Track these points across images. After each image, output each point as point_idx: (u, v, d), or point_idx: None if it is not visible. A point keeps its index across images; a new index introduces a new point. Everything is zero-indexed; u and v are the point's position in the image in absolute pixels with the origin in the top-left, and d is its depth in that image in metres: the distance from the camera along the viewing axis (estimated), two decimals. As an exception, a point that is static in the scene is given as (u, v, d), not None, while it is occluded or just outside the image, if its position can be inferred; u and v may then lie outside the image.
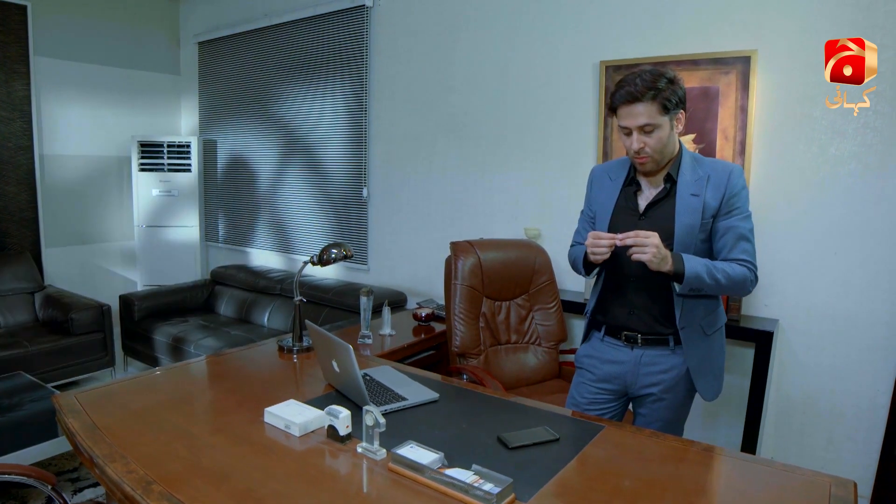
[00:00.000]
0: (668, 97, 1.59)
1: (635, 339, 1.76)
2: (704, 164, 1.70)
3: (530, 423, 1.59)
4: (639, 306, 1.75)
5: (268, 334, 3.71)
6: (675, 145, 1.69)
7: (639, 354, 1.77)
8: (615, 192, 1.79)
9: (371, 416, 1.37)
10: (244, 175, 4.57)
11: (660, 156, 1.65)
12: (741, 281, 1.65)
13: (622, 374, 1.80)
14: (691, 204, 1.66)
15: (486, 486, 1.20)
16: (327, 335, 1.67)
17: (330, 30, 3.87)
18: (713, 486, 1.34)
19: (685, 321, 1.70)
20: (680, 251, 1.65)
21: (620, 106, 1.63)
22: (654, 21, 2.72)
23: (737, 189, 1.66)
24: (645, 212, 1.73)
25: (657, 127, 1.60)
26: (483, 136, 3.33)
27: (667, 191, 1.70)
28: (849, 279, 2.41)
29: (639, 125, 1.60)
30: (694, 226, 1.66)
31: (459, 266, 2.49)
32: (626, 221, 1.75)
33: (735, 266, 1.65)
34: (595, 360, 1.86)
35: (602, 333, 1.85)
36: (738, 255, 1.66)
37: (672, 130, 1.64)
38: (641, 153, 1.64)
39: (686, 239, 1.66)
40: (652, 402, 1.79)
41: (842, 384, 2.45)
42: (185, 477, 1.30)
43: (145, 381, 1.89)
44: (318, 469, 1.36)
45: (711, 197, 1.66)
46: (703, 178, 1.67)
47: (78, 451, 1.55)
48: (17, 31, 3.96)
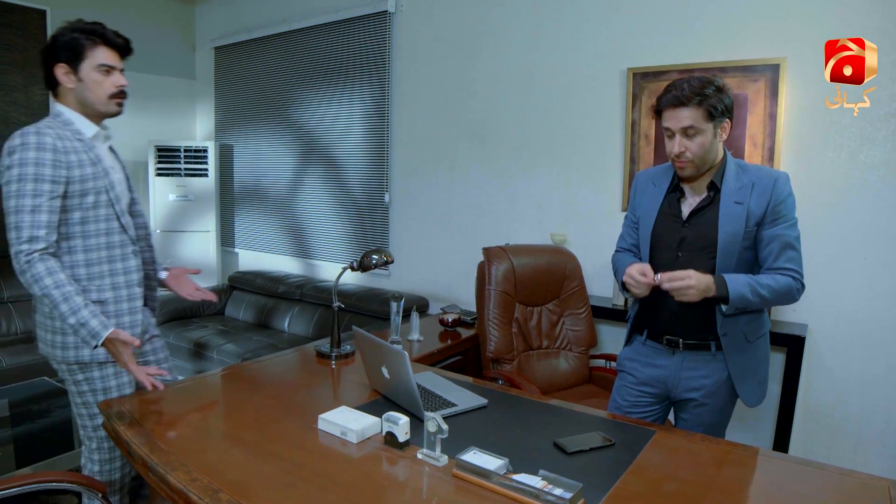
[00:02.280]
0: (714, 104, 1.60)
1: (677, 343, 1.77)
2: (749, 171, 1.71)
3: (581, 428, 1.60)
4: (680, 312, 1.75)
5: (288, 339, 3.71)
6: (719, 153, 1.70)
7: (680, 359, 1.78)
8: (659, 198, 1.80)
9: (434, 422, 1.37)
10: (261, 180, 4.57)
11: (700, 161, 1.66)
12: (786, 292, 1.66)
13: (663, 378, 1.81)
14: (735, 212, 1.67)
15: (557, 492, 1.21)
16: (379, 342, 1.67)
17: (351, 35, 3.88)
18: (774, 491, 1.34)
19: (726, 328, 1.71)
20: (723, 259, 1.66)
21: (666, 109, 1.65)
22: (682, 29, 2.74)
23: (782, 196, 1.66)
24: (688, 219, 1.74)
25: (700, 132, 1.61)
26: (507, 142, 3.34)
27: (710, 198, 1.71)
28: (877, 285, 2.43)
29: (682, 127, 1.62)
30: (737, 234, 1.66)
31: (493, 271, 2.50)
32: (670, 228, 1.76)
33: (779, 277, 1.65)
34: (637, 364, 1.87)
35: (644, 337, 1.86)
36: (784, 264, 1.66)
37: (715, 138, 1.64)
38: (682, 157, 1.65)
39: (729, 247, 1.67)
40: (694, 408, 1.80)
41: (870, 388, 2.47)
42: (250, 485, 1.30)
43: (186, 388, 1.89)
44: (382, 476, 1.37)
45: (756, 205, 1.66)
46: (748, 185, 1.67)
47: (131, 457, 1.55)
48: (36, 36, 3.96)
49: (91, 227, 1.74)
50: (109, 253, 1.78)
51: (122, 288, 1.80)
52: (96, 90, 1.73)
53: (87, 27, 1.73)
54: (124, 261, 1.81)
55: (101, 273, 1.77)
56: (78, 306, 1.62)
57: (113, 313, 1.78)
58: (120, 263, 1.80)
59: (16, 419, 2.50)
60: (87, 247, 1.74)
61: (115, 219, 1.78)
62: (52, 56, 1.73)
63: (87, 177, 1.70)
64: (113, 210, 1.77)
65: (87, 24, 1.74)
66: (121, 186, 1.86)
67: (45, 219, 1.63)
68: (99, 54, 1.73)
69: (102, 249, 1.76)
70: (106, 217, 1.76)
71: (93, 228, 1.74)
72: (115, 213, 1.77)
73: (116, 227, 1.79)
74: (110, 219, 1.77)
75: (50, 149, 1.63)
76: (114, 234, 1.78)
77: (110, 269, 1.78)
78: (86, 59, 1.72)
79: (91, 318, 1.62)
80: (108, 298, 1.77)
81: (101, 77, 1.73)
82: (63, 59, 1.71)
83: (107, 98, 1.75)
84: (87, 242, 1.74)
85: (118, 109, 1.79)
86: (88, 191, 1.71)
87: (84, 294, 1.69)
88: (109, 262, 1.78)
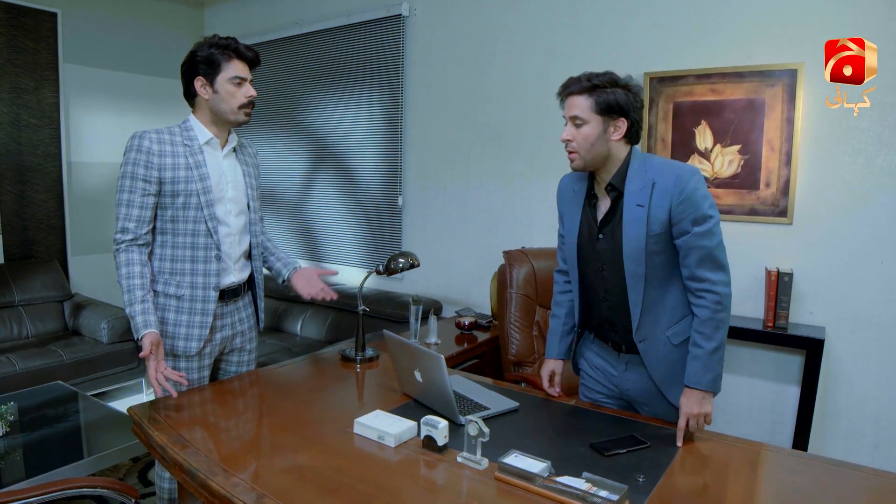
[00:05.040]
0: (606, 99, 1.55)
1: (620, 346, 1.74)
2: (653, 168, 1.59)
3: (612, 429, 1.61)
4: (608, 319, 1.73)
5: (301, 343, 3.71)
6: (612, 152, 1.60)
7: (625, 360, 1.74)
8: (579, 207, 1.72)
9: (475, 426, 1.38)
10: (274, 183, 4.57)
11: (586, 154, 1.58)
12: (720, 321, 1.57)
13: (614, 381, 1.78)
14: (637, 216, 1.57)
15: (603, 493, 1.22)
16: (414, 345, 1.68)
17: (364, 39, 3.89)
18: (818, 493, 1.35)
19: (642, 334, 1.65)
20: (631, 267, 1.60)
21: (565, 98, 1.62)
22: (699, 34, 2.76)
23: (685, 195, 1.52)
24: (601, 228, 1.66)
25: (586, 123, 1.56)
26: (521, 146, 3.35)
27: (615, 203, 1.63)
28: (894, 287, 2.45)
29: (570, 115, 1.59)
30: (640, 238, 1.57)
31: (514, 275, 2.52)
32: (590, 240, 1.69)
33: (702, 313, 1.57)
34: (587, 363, 1.86)
35: (592, 336, 1.83)
36: (697, 285, 1.58)
37: (605, 133, 1.57)
38: (568, 146, 1.61)
39: (634, 254, 1.59)
40: (644, 410, 1.76)
41: (888, 391, 2.49)
42: (294, 490, 1.29)
43: (212, 393, 1.88)
44: (424, 480, 1.37)
45: (657, 206, 1.55)
46: (648, 185, 1.56)
47: (165, 462, 1.55)
48: (47, 39, 3.96)
49: (180, 225, 1.85)
50: (193, 253, 1.87)
51: (200, 289, 1.88)
52: (230, 101, 1.85)
53: (221, 42, 1.85)
54: (206, 263, 1.89)
55: (183, 270, 1.87)
56: (135, 299, 1.75)
57: (187, 310, 1.88)
58: (202, 265, 1.88)
59: (26, 425, 2.47)
60: (175, 243, 1.86)
61: (203, 222, 1.86)
62: (191, 70, 1.85)
63: (178, 179, 1.81)
64: (202, 214, 1.85)
65: (222, 40, 1.86)
66: (232, 192, 1.94)
67: (135, 213, 1.78)
68: (233, 67, 1.84)
69: (187, 248, 1.86)
70: (194, 219, 1.85)
71: (181, 227, 1.85)
72: (203, 217, 1.85)
73: (203, 230, 1.87)
74: (199, 221, 1.85)
75: (145, 151, 1.78)
76: (199, 236, 1.87)
77: (192, 268, 1.87)
78: (221, 72, 1.83)
79: (138, 315, 1.74)
80: (184, 295, 1.87)
81: (234, 89, 1.85)
82: (201, 72, 1.83)
83: (237, 108, 1.86)
84: (175, 239, 1.86)
85: (246, 119, 1.91)
86: (179, 192, 1.82)
87: (164, 286, 1.86)
88: (192, 262, 1.87)
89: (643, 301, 1.62)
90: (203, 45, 1.85)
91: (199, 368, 1.94)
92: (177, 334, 1.88)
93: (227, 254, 1.93)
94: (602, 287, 1.71)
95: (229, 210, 1.92)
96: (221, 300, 1.94)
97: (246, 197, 1.99)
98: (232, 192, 1.93)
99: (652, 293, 1.62)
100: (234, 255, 1.95)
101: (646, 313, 1.63)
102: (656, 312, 1.64)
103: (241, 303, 2.04)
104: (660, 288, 1.63)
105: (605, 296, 1.71)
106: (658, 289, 1.63)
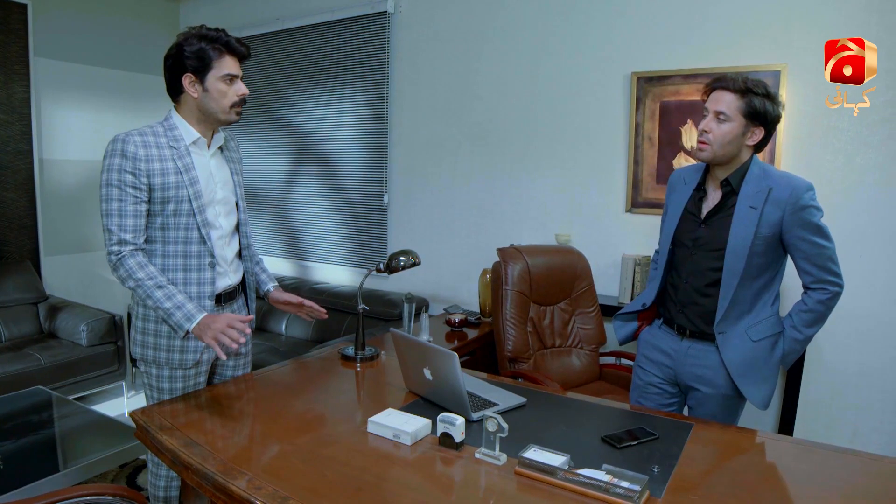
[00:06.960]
0: (755, 104, 1.65)
1: (685, 330, 1.85)
2: (771, 177, 1.71)
3: (620, 422, 1.65)
4: (686, 304, 1.84)
5: (287, 342, 3.67)
6: (740, 151, 1.72)
7: (686, 346, 1.85)
8: (686, 196, 1.86)
9: (493, 422, 1.39)
10: (255, 181, 4.49)
11: (719, 148, 1.69)
12: (823, 312, 1.73)
13: (671, 364, 1.88)
14: (748, 216, 1.69)
15: (624, 484, 1.25)
16: (424, 343, 1.69)
17: (349, 35, 3.86)
18: (825, 478, 1.40)
19: (724, 326, 1.76)
20: (731, 261, 1.71)
21: (714, 91, 1.71)
22: (685, 34, 2.83)
23: (798, 206, 1.66)
24: (705, 219, 1.79)
25: (729, 120, 1.67)
26: (510, 144, 3.38)
27: (725, 199, 1.75)
28: (873, 281, 2.56)
29: (716, 110, 1.68)
30: (747, 237, 1.68)
31: (509, 272, 2.54)
32: (688, 227, 1.84)
33: (812, 299, 1.73)
34: (650, 346, 1.96)
35: (661, 321, 1.94)
36: (815, 283, 1.72)
37: (743, 136, 1.68)
38: (703, 136, 1.70)
39: (738, 250, 1.70)
40: (699, 399, 1.85)
41: (867, 381, 2.60)
42: (317, 490, 1.28)
43: (215, 396, 1.84)
44: (445, 477, 1.38)
45: (770, 212, 1.67)
46: (765, 190, 1.68)
47: (176, 467, 1.52)
48: (17, 31, 3.80)
49: (171, 233, 1.75)
50: (186, 262, 1.78)
51: (194, 298, 1.79)
52: (220, 100, 1.73)
53: (211, 35, 1.71)
54: (200, 271, 1.80)
55: (175, 280, 1.77)
56: (172, 292, 1.68)
57: None
58: (195, 273, 1.79)
59: (9, 432, 2.38)
60: (166, 252, 1.76)
61: (195, 228, 1.77)
62: (178, 66, 1.71)
63: (168, 185, 1.70)
64: (194, 220, 1.76)
65: (211, 31, 1.72)
66: (221, 193, 1.85)
67: (130, 223, 1.68)
68: (224, 64, 1.72)
69: (179, 257, 1.77)
70: (186, 226, 1.75)
71: (172, 235, 1.75)
72: (196, 223, 1.76)
73: (196, 237, 1.78)
74: (190, 228, 1.76)
75: (131, 156, 1.65)
76: (192, 244, 1.78)
77: (185, 277, 1.78)
78: (212, 69, 1.70)
79: (186, 303, 1.68)
80: None
81: (226, 87, 1.73)
82: (190, 69, 1.70)
83: (228, 107, 1.75)
84: (165, 248, 1.76)
85: (237, 118, 1.80)
86: (170, 199, 1.72)
87: None
88: (185, 271, 1.78)
89: (733, 296, 1.73)
90: (190, 37, 1.70)
91: (196, 375, 1.88)
92: (172, 346, 1.80)
93: (221, 256, 1.86)
94: (686, 269, 1.83)
95: (219, 212, 1.85)
96: (218, 304, 1.87)
97: (234, 196, 1.91)
98: (221, 192, 1.85)
99: (742, 291, 1.74)
100: (228, 258, 1.90)
101: (732, 308, 1.74)
102: (741, 309, 1.75)
103: (236, 305, 1.98)
104: (750, 288, 1.74)
105: (687, 277, 1.83)
106: (749, 288, 1.74)
